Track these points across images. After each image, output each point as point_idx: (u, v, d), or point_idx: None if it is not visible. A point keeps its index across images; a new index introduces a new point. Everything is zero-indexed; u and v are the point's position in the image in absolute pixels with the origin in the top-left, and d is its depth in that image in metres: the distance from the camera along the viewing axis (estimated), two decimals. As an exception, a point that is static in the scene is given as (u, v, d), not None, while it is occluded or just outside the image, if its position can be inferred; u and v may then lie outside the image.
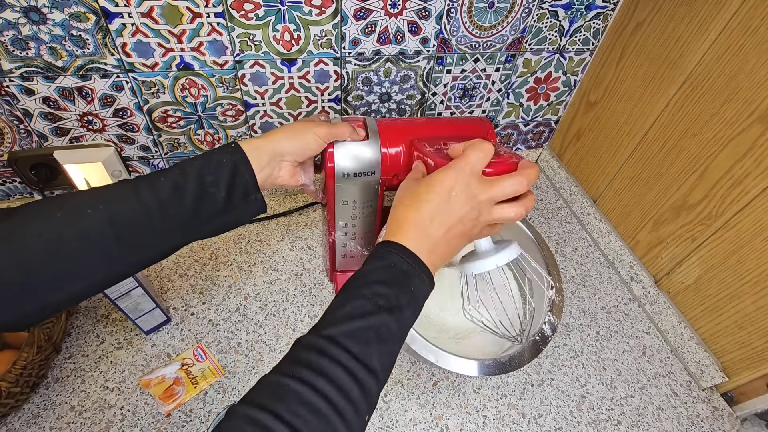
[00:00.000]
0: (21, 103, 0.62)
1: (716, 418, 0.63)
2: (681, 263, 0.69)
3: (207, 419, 0.56)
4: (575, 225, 0.89)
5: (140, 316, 0.60)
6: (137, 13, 0.56)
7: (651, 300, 0.74)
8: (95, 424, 0.55)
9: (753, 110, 0.56)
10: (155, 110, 0.68)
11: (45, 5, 0.53)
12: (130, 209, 0.39)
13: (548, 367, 0.66)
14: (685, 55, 0.64)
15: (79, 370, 0.59)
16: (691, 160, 0.65)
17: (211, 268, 0.73)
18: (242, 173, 0.44)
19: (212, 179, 0.42)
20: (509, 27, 0.72)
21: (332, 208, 0.58)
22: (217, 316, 0.67)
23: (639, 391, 0.65)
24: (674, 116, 0.68)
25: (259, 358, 0.62)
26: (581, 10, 0.74)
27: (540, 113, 0.92)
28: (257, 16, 0.61)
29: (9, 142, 0.66)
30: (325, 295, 0.71)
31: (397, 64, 0.73)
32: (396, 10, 0.65)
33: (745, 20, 0.56)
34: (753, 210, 0.58)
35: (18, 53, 0.56)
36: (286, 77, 0.69)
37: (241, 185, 0.44)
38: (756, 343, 0.60)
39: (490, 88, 0.82)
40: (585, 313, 0.74)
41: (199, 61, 0.64)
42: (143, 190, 0.39)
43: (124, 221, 0.38)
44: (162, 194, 0.40)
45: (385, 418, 0.58)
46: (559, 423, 0.60)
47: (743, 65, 0.57)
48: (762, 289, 0.58)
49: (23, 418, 0.54)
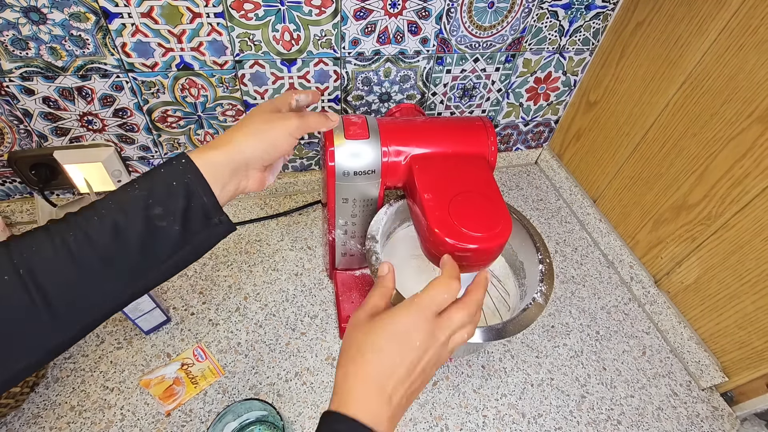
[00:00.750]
0: (21, 103, 0.62)
1: (716, 418, 0.63)
2: (681, 263, 0.69)
3: (207, 419, 0.56)
4: (575, 225, 0.89)
5: (140, 315, 0.60)
6: (137, 13, 0.56)
7: (651, 300, 0.74)
8: (95, 424, 0.55)
9: (753, 110, 0.56)
10: (155, 110, 0.68)
11: (45, 5, 0.53)
12: (60, 274, 0.31)
13: (548, 367, 0.66)
14: (685, 55, 0.64)
15: (78, 369, 0.59)
16: (691, 160, 0.65)
17: (211, 267, 0.73)
18: (198, 196, 0.36)
19: (161, 211, 0.34)
20: (509, 27, 0.72)
21: (332, 206, 0.58)
22: (217, 316, 0.67)
23: (639, 391, 0.65)
24: (674, 116, 0.68)
25: (259, 358, 0.62)
26: (581, 9, 0.74)
27: (540, 113, 0.92)
28: (257, 16, 0.61)
29: (9, 142, 0.66)
30: (325, 295, 0.71)
31: (397, 64, 0.73)
32: (396, 10, 0.65)
33: (745, 20, 0.56)
34: (753, 210, 0.58)
35: (18, 53, 0.56)
36: (286, 77, 0.69)
37: (198, 210, 0.36)
38: (756, 343, 0.60)
39: (490, 88, 0.82)
40: (585, 313, 0.74)
41: (199, 61, 0.64)
42: (76, 244, 0.31)
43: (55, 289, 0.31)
44: (100, 243, 0.32)
45: (385, 418, 0.58)
46: (559, 423, 0.60)
47: (743, 65, 0.57)
48: (762, 289, 0.58)
49: (23, 418, 0.54)
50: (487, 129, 0.55)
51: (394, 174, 0.54)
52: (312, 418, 0.57)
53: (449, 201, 0.47)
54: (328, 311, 0.69)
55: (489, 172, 0.52)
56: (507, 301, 0.60)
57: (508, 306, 0.59)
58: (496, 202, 0.48)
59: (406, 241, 0.64)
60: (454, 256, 0.45)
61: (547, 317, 0.72)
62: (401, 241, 0.64)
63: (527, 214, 0.90)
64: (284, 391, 0.59)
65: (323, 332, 0.66)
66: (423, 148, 0.52)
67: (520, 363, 0.66)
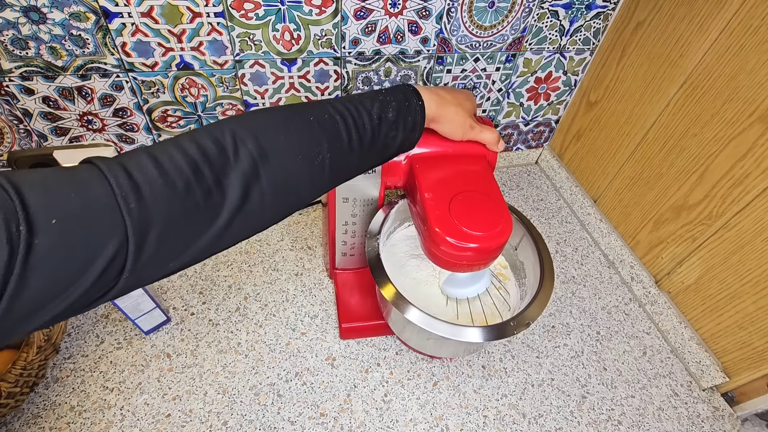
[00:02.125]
0: (21, 103, 0.62)
1: (717, 419, 0.63)
2: (681, 263, 0.69)
3: (207, 419, 0.56)
4: (576, 225, 0.89)
5: (140, 316, 0.60)
6: (137, 12, 0.56)
7: (651, 300, 0.74)
8: (95, 424, 0.55)
9: (753, 110, 0.56)
10: (155, 110, 0.68)
11: (45, 5, 0.53)
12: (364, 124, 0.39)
13: (548, 367, 0.66)
14: (686, 54, 0.64)
15: (78, 370, 0.59)
16: (692, 160, 0.65)
17: (210, 267, 0.73)
18: (414, 112, 0.43)
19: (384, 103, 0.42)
20: (509, 26, 0.72)
21: (332, 206, 0.58)
22: (217, 316, 0.67)
23: (639, 392, 0.65)
24: (675, 116, 0.67)
25: (259, 358, 0.62)
26: (581, 9, 0.74)
27: (540, 113, 0.92)
28: (257, 15, 0.61)
29: (9, 142, 0.66)
30: (325, 295, 0.71)
31: (397, 64, 0.73)
32: (396, 10, 0.65)
33: (746, 20, 0.56)
34: (753, 210, 0.58)
35: (18, 53, 0.56)
36: (286, 77, 0.69)
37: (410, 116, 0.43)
38: (756, 343, 0.60)
39: (491, 87, 0.82)
40: (585, 313, 0.74)
41: (199, 61, 0.64)
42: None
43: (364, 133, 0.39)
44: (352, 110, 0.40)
45: (385, 418, 0.58)
46: (560, 423, 0.60)
47: (744, 65, 0.57)
48: (762, 289, 0.58)
49: (23, 418, 0.54)
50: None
51: (395, 173, 0.54)
52: (312, 418, 0.57)
53: (450, 200, 0.47)
54: (328, 311, 0.69)
55: (489, 172, 0.52)
56: (507, 301, 0.60)
57: (508, 306, 0.59)
58: (497, 201, 0.48)
59: (405, 241, 0.64)
60: (454, 256, 0.45)
61: (548, 317, 0.72)
62: (401, 241, 0.64)
63: (527, 214, 0.89)
64: (284, 391, 0.59)
65: (323, 332, 0.66)
66: (423, 147, 0.52)
67: (521, 363, 0.66)
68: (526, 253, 0.59)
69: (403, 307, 0.48)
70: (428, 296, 0.59)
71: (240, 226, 0.33)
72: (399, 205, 0.59)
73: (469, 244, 0.44)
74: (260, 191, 0.33)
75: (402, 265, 0.61)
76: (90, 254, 0.25)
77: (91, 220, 0.26)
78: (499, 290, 0.61)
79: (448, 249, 0.45)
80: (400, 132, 0.42)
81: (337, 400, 0.59)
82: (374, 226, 0.56)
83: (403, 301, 0.49)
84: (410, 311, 0.48)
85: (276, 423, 0.57)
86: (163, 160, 0.29)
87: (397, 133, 0.42)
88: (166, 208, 0.28)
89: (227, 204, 0.31)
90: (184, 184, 0.29)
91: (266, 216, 0.35)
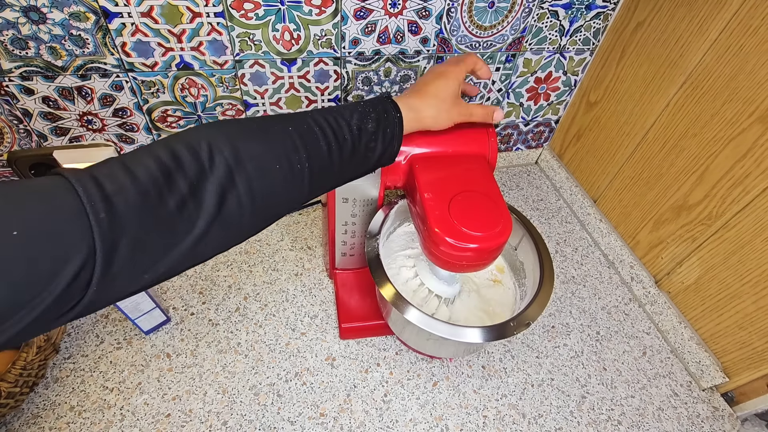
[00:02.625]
0: (20, 103, 0.62)
1: (716, 419, 0.63)
2: (681, 263, 0.69)
3: (207, 419, 0.56)
4: (575, 225, 0.89)
5: (140, 316, 0.60)
6: (137, 12, 0.56)
7: (651, 300, 0.74)
8: (95, 424, 0.55)
9: (753, 110, 0.56)
10: (155, 110, 0.68)
11: (45, 5, 0.53)
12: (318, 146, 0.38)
13: (548, 367, 0.66)
14: (686, 55, 0.64)
15: (78, 370, 0.59)
16: (692, 160, 0.65)
17: (210, 267, 0.73)
18: (393, 124, 0.43)
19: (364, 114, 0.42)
20: (509, 27, 0.72)
21: (332, 206, 0.58)
22: (216, 316, 0.67)
23: (639, 392, 0.65)
24: (674, 116, 0.67)
25: (259, 358, 0.62)
26: (581, 9, 0.74)
27: (540, 113, 0.92)
28: (257, 15, 0.61)
29: (8, 142, 0.66)
30: (325, 295, 0.71)
31: (397, 64, 0.73)
32: (396, 10, 0.65)
33: (746, 20, 0.56)
34: (753, 210, 0.58)
35: (17, 53, 0.56)
36: (286, 77, 0.69)
37: (390, 128, 0.43)
38: (756, 344, 0.60)
39: (490, 87, 0.82)
40: (585, 313, 0.74)
41: (198, 61, 0.64)
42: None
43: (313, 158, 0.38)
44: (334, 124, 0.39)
45: (385, 418, 0.58)
46: (560, 423, 0.60)
47: (744, 65, 0.57)
48: (762, 289, 0.58)
49: (23, 418, 0.54)
50: (487, 129, 0.55)
51: (394, 174, 0.54)
52: (312, 419, 0.57)
53: (449, 200, 0.47)
54: (328, 311, 0.69)
55: (489, 172, 0.52)
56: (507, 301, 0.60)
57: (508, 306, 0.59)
58: (497, 201, 0.48)
59: (403, 238, 0.64)
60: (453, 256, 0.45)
61: (548, 317, 0.72)
62: (399, 237, 0.64)
63: (527, 214, 0.89)
64: (284, 391, 0.59)
65: (323, 332, 0.66)
66: (423, 147, 0.52)
67: (521, 363, 0.66)
68: (526, 253, 0.59)
69: (402, 307, 0.48)
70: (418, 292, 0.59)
71: (218, 235, 0.32)
72: (399, 205, 0.59)
73: (468, 245, 0.44)
74: (237, 199, 0.32)
75: (399, 264, 0.61)
76: (53, 266, 0.24)
77: (56, 231, 0.25)
78: (498, 290, 0.61)
79: (447, 249, 0.45)
80: (379, 144, 0.42)
81: (336, 400, 0.59)
82: (374, 226, 0.56)
83: (402, 301, 0.49)
84: (410, 311, 0.48)
85: (276, 423, 0.57)
86: (136, 168, 0.29)
87: (377, 145, 0.42)
88: (137, 218, 0.28)
89: (203, 213, 0.31)
90: (157, 193, 0.29)
91: (245, 225, 0.34)
